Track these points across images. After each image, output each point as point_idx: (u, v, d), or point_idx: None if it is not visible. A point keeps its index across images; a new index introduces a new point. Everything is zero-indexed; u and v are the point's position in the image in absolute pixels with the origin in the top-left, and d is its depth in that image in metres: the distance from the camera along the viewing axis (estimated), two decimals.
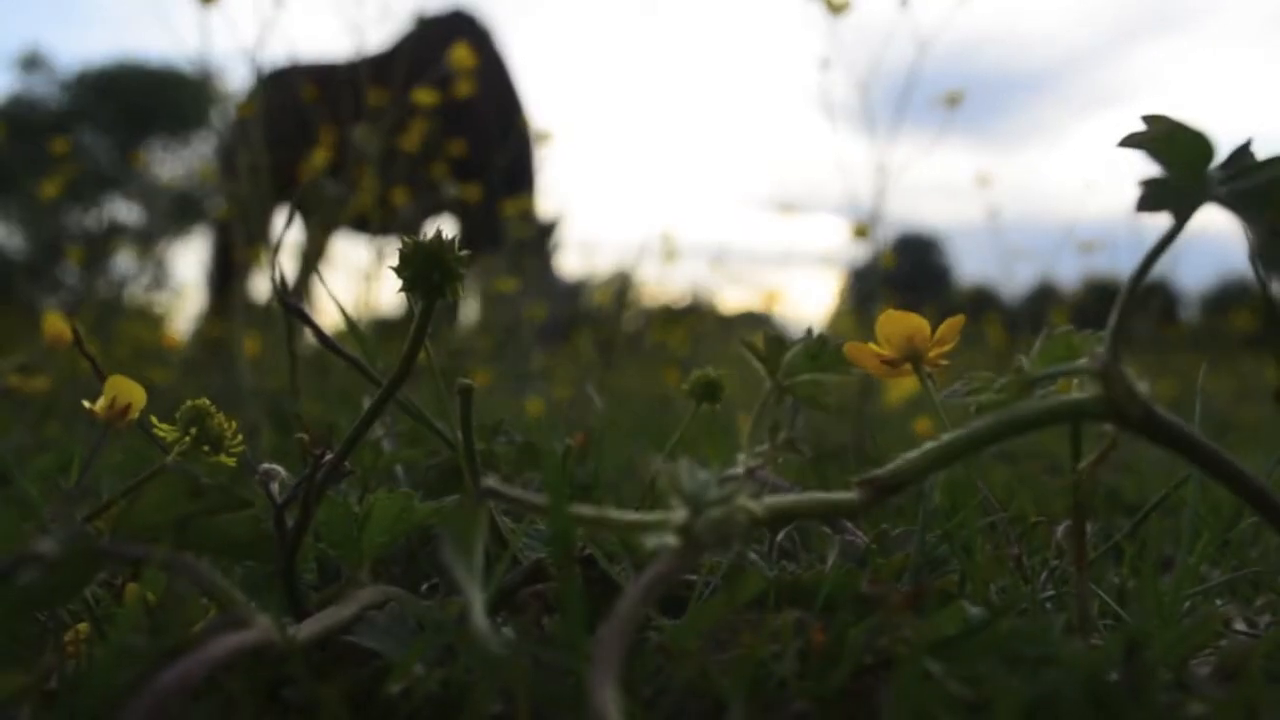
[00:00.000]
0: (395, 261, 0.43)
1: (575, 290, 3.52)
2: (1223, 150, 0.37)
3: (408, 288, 0.43)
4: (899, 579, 0.50)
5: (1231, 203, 0.35)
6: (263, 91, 1.83)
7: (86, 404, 0.52)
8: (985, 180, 2.61)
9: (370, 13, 3.02)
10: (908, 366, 0.52)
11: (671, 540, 0.33)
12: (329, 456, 0.46)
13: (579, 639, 0.34)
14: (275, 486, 0.49)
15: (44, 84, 14.86)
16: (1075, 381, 0.41)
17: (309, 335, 0.55)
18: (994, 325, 3.28)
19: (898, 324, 0.51)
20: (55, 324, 0.93)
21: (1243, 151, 0.36)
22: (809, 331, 0.63)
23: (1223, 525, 0.69)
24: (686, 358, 3.01)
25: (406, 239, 0.42)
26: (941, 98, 2.08)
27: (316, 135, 2.07)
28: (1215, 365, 3.49)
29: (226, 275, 2.68)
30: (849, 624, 0.38)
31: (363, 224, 2.12)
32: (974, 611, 0.38)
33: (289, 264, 2.85)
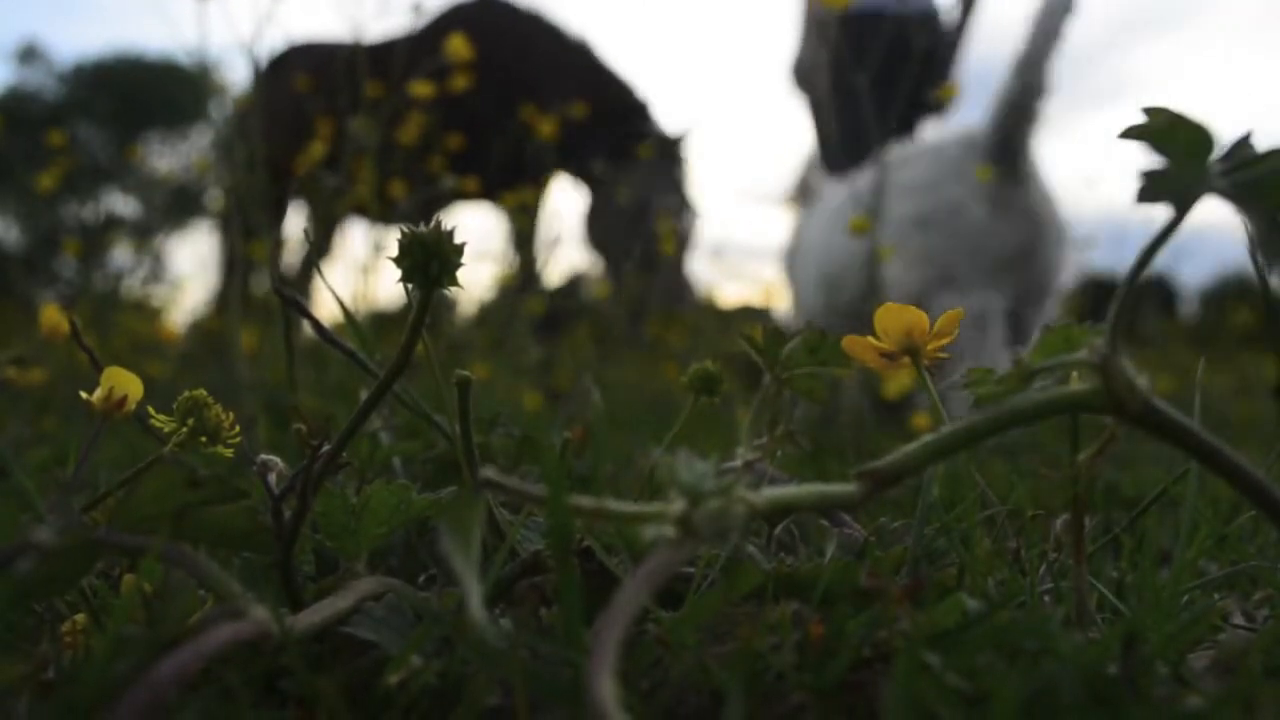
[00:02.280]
0: (393, 252, 0.43)
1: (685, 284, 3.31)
2: (1223, 143, 0.37)
3: (405, 279, 0.42)
4: (897, 572, 0.50)
5: (1232, 194, 0.35)
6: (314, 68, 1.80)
7: (84, 395, 0.52)
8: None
9: (369, 7, 3.01)
10: (906, 360, 0.52)
11: (669, 532, 0.32)
12: (326, 448, 0.46)
13: (577, 631, 0.34)
14: (273, 478, 0.49)
15: (41, 76, 14.83)
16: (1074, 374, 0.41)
17: (307, 328, 0.55)
18: None
19: (896, 317, 0.51)
20: (52, 316, 0.92)
21: (1243, 143, 0.36)
22: (808, 325, 0.63)
23: (1221, 519, 0.69)
24: (685, 351, 3.01)
25: (405, 229, 0.42)
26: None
27: (354, 118, 2.04)
28: (1214, 361, 3.50)
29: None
30: (847, 617, 0.38)
31: (363, 211, 2.10)
32: (972, 604, 0.38)
33: (291, 257, 2.84)
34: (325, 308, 5.86)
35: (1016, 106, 1.63)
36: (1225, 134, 0.36)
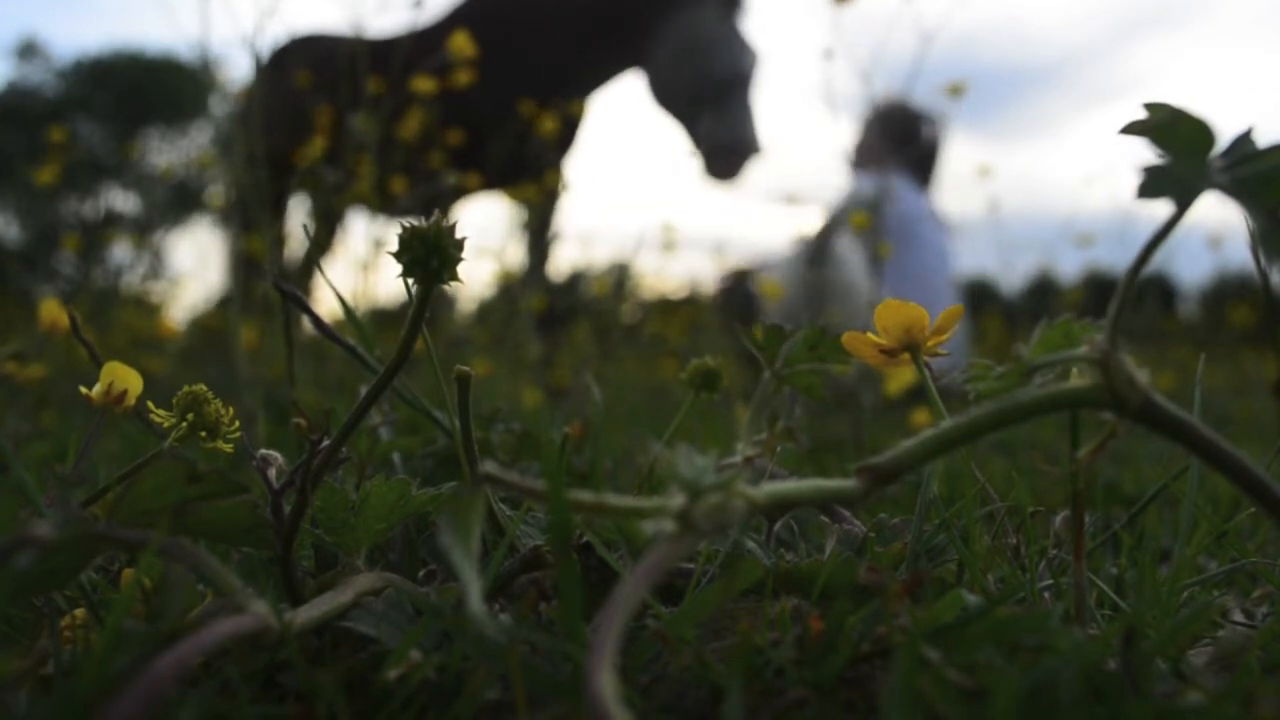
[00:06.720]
0: (394, 247, 0.43)
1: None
2: (1224, 139, 0.36)
3: (406, 274, 0.42)
4: (897, 568, 0.50)
5: (1233, 190, 0.35)
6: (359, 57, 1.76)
7: (84, 390, 0.52)
8: (986, 172, 2.61)
9: (370, 1, 3.01)
10: (906, 356, 0.52)
11: (669, 527, 0.32)
12: (326, 443, 0.46)
13: (576, 626, 0.34)
14: (272, 473, 0.49)
15: (41, 72, 14.83)
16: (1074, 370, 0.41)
17: (307, 323, 0.55)
18: (993, 317, 3.28)
19: (896, 313, 0.51)
20: (51, 311, 0.93)
21: (1244, 139, 0.36)
22: (809, 321, 0.63)
23: (1221, 516, 0.69)
24: (685, 348, 3.01)
25: (405, 224, 0.42)
26: (944, 90, 2.07)
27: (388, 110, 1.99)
28: (1214, 359, 3.50)
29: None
30: (847, 612, 0.38)
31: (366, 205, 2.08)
32: (972, 600, 0.38)
33: (292, 252, 2.84)
34: (325, 303, 5.86)
35: (820, 241, 3.11)
36: (1227, 130, 0.36)
